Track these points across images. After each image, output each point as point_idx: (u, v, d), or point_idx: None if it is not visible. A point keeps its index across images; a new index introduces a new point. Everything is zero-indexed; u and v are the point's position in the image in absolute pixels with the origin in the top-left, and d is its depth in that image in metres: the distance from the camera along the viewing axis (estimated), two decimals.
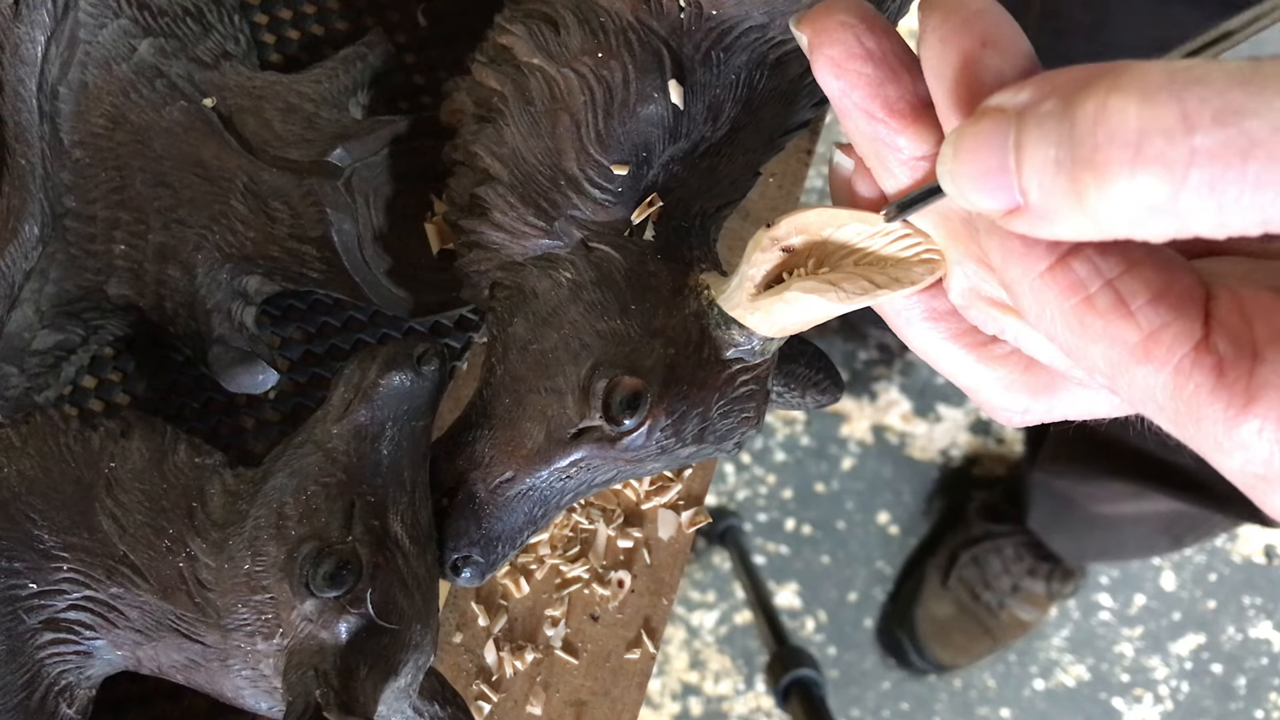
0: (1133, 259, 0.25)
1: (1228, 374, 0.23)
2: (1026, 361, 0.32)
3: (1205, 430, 0.24)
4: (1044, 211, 0.23)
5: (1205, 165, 0.21)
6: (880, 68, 0.28)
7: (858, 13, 0.28)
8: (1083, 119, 0.22)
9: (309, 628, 0.38)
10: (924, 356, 0.33)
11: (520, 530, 0.41)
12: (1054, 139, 0.22)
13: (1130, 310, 0.24)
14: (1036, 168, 0.23)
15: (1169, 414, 0.25)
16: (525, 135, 0.41)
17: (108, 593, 0.40)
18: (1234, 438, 0.23)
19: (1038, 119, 0.22)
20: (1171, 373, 0.24)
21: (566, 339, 0.40)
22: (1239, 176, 0.20)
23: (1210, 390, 0.23)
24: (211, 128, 0.47)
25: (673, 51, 0.41)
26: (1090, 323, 0.25)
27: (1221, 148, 0.20)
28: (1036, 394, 0.32)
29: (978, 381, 0.32)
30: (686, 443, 0.40)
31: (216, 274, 0.48)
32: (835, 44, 0.28)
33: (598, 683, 0.54)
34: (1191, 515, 1.22)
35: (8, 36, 0.46)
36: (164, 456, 0.42)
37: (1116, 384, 0.25)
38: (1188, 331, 0.24)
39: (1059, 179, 0.22)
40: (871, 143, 0.29)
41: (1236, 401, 0.23)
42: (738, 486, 1.59)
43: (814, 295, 0.32)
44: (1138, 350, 0.24)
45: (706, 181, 0.43)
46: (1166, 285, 0.24)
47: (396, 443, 0.40)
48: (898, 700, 1.57)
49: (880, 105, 0.28)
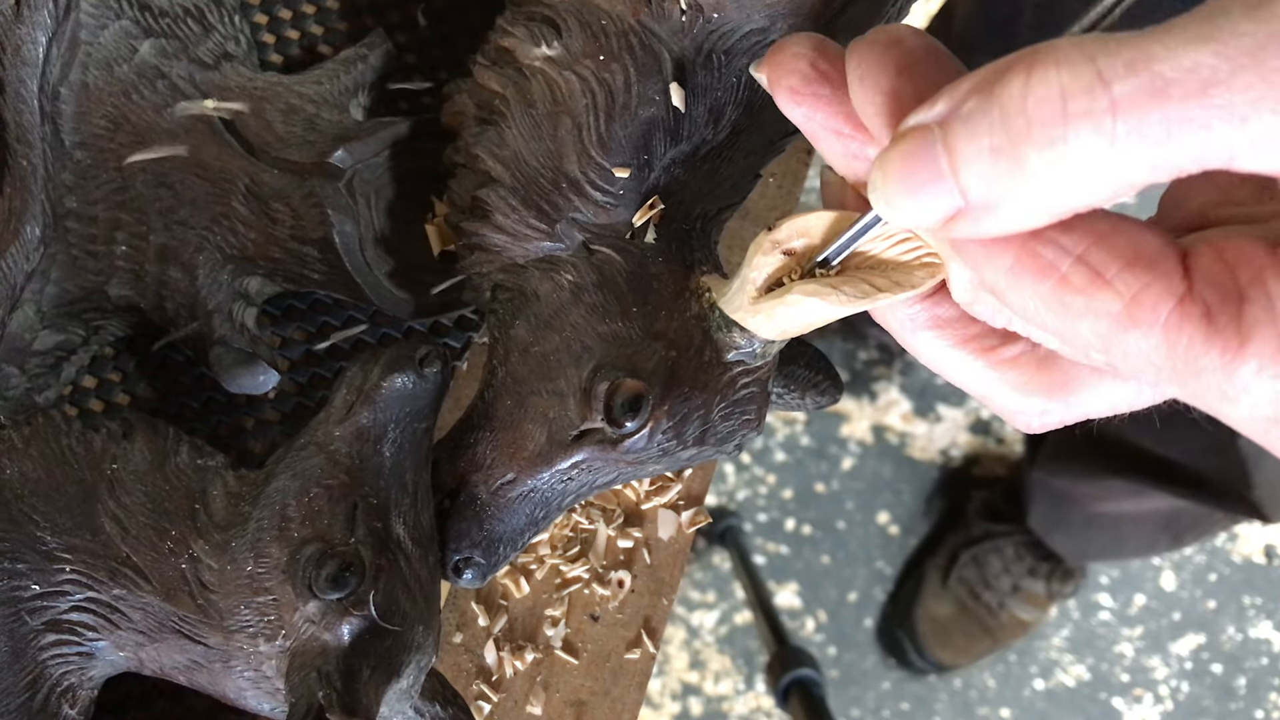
0: (1097, 231, 0.25)
1: (1217, 320, 0.24)
2: (1037, 361, 0.31)
3: (1207, 382, 0.24)
4: (988, 203, 0.24)
5: (1128, 112, 0.21)
6: (838, 87, 0.28)
7: (808, 43, 0.29)
8: (1009, 100, 0.22)
9: (311, 629, 0.38)
10: (933, 367, 0.33)
11: (521, 532, 0.41)
12: (985, 128, 0.23)
13: (1107, 279, 0.24)
14: (973, 161, 0.23)
15: (1168, 374, 0.25)
16: (527, 138, 0.41)
17: (110, 594, 0.40)
18: (1235, 381, 0.24)
19: (962, 117, 0.23)
20: (1161, 331, 0.24)
21: (568, 341, 0.40)
22: (1161, 117, 0.21)
23: (1203, 340, 0.24)
24: (213, 129, 0.47)
25: (674, 54, 0.41)
26: (1070, 301, 0.25)
27: (1138, 93, 0.21)
28: (1052, 393, 0.32)
29: (990, 387, 0.32)
30: (688, 445, 0.40)
31: (218, 275, 0.48)
32: (791, 74, 0.29)
33: (598, 683, 0.55)
34: (1191, 513, 1.22)
35: (9, 38, 0.46)
36: (166, 458, 0.42)
37: (1112, 357, 0.25)
38: (1169, 288, 0.24)
39: (999, 163, 0.23)
40: (846, 160, 0.29)
41: (1231, 345, 0.23)
42: (738, 486, 1.59)
43: (815, 298, 0.32)
44: (1123, 317, 0.24)
45: (707, 184, 0.43)
46: (1137, 249, 0.25)
47: (399, 445, 0.40)
48: (898, 700, 1.57)
49: (844, 121, 0.29)
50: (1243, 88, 0.21)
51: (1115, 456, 1.20)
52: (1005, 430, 1.64)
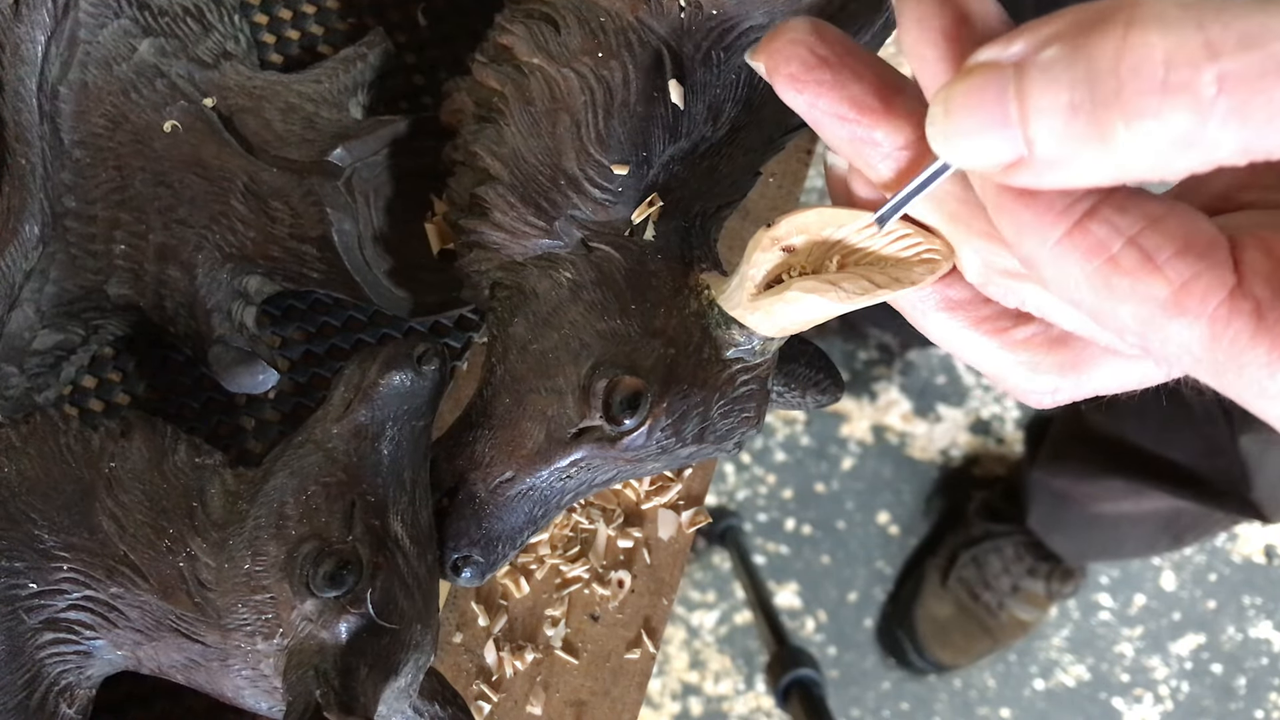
0: (1151, 214, 0.24)
1: (1267, 317, 0.23)
2: (1050, 341, 0.31)
3: (1249, 377, 0.24)
4: (1054, 159, 0.23)
5: (1235, 91, 0.20)
6: (839, 70, 0.28)
7: (804, 28, 0.28)
8: (1101, 57, 0.21)
9: (309, 627, 0.38)
10: (946, 348, 0.32)
11: (520, 530, 0.41)
12: (1067, 82, 0.22)
13: (1157, 265, 0.24)
14: (1048, 114, 0.22)
15: (1207, 365, 0.24)
16: (525, 135, 0.41)
17: (108, 593, 0.40)
18: (1279, 380, 0.23)
19: (1041, 66, 0.22)
20: (1208, 323, 0.23)
21: (567, 339, 0.40)
22: (1267, 100, 0.20)
23: (1251, 336, 0.23)
24: (212, 128, 0.47)
25: (673, 51, 0.41)
26: (1117, 283, 0.24)
27: (1248, 72, 0.20)
28: (1064, 371, 0.32)
29: (1003, 368, 0.32)
30: (687, 443, 0.40)
31: (217, 274, 0.48)
32: (790, 60, 0.28)
33: (598, 683, 0.54)
34: (1191, 513, 1.22)
35: (8, 36, 0.46)
36: (164, 456, 0.42)
37: (1149, 342, 0.25)
38: (1220, 280, 0.23)
39: (1076, 122, 0.22)
40: (851, 144, 0.29)
41: (1279, 345, 0.23)
42: (738, 486, 1.59)
43: (814, 295, 0.32)
44: (1169, 304, 0.24)
45: (707, 181, 0.43)
46: (1191, 236, 0.24)
47: (397, 442, 0.40)
48: (898, 700, 1.57)
49: (848, 105, 0.28)
50: None
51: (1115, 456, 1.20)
52: (1005, 430, 1.64)
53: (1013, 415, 1.64)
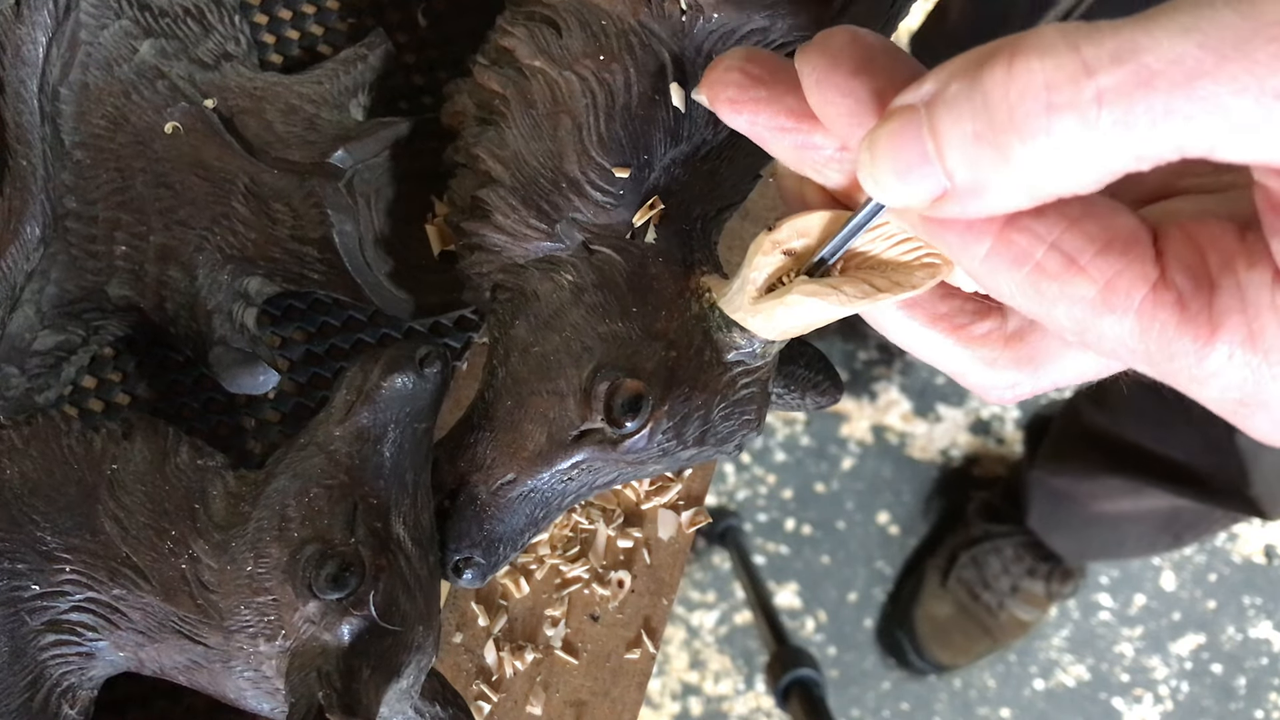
0: (1070, 216, 0.25)
1: (1189, 307, 0.24)
2: (1006, 338, 0.32)
3: (1179, 365, 0.25)
4: (973, 187, 0.24)
5: (1113, 102, 0.21)
6: (773, 86, 0.29)
7: (739, 55, 0.29)
8: (992, 87, 0.22)
9: (311, 629, 0.38)
10: (905, 347, 0.33)
11: (522, 532, 0.41)
12: (968, 114, 0.23)
13: (1081, 266, 0.25)
14: (957, 145, 0.23)
15: (1142, 356, 0.25)
16: (527, 138, 0.41)
17: (110, 594, 0.40)
18: (1206, 367, 0.24)
19: (946, 102, 0.23)
20: (1135, 316, 0.24)
21: (568, 341, 0.40)
22: (1146, 108, 0.21)
23: (1176, 326, 0.24)
24: (213, 129, 0.47)
25: (674, 54, 0.41)
26: (1046, 287, 0.25)
27: (1124, 84, 0.21)
28: (1022, 366, 0.32)
29: (961, 364, 0.33)
30: (688, 445, 0.40)
31: (217, 275, 0.48)
32: (726, 86, 0.29)
33: (598, 683, 0.55)
34: (1190, 511, 1.23)
35: (9, 38, 0.46)
36: (166, 458, 0.42)
37: (1086, 340, 0.26)
38: (1142, 274, 0.25)
39: (982, 149, 0.23)
40: (797, 152, 0.30)
41: (1202, 333, 0.24)
42: (738, 486, 1.59)
43: (815, 299, 0.32)
44: (1097, 302, 0.25)
45: (708, 184, 0.43)
46: (1111, 234, 0.25)
47: (399, 445, 0.40)
48: (898, 700, 1.57)
49: (785, 115, 0.29)
50: (1227, 79, 0.21)
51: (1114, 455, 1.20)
52: (1005, 430, 1.64)
53: (1013, 415, 1.64)
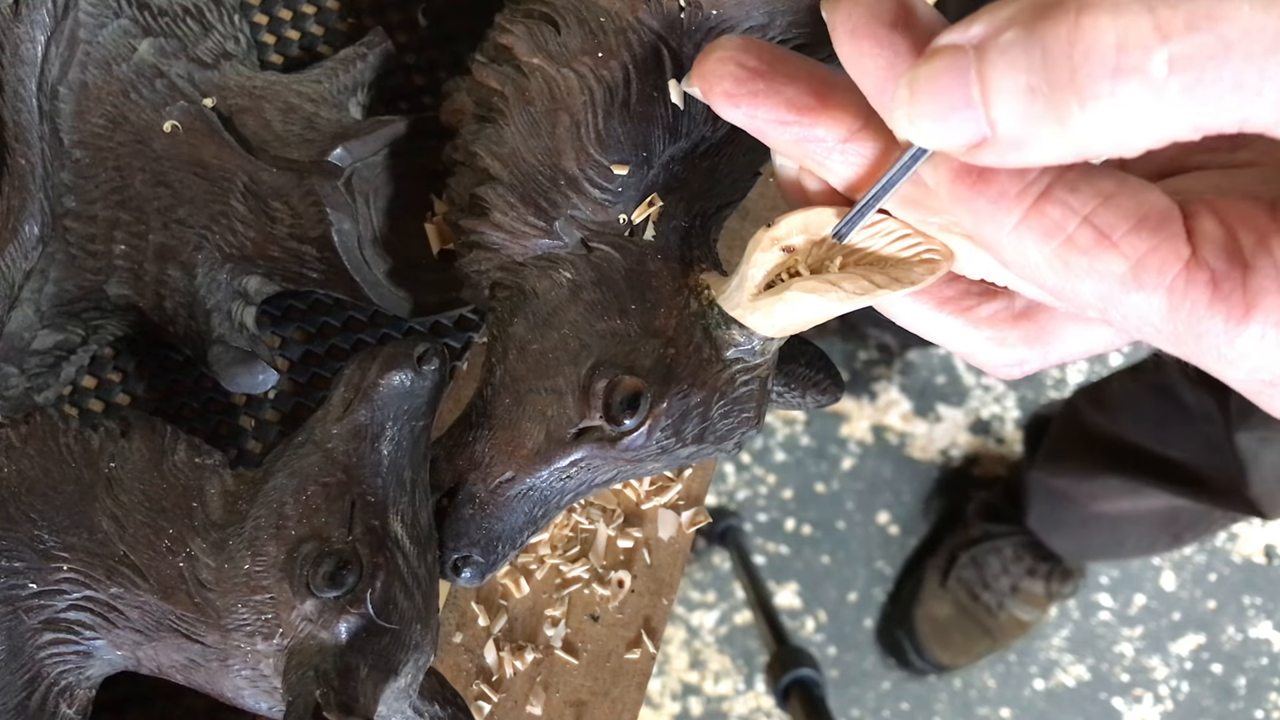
0: (1104, 191, 0.25)
1: (1222, 286, 0.24)
2: (1013, 316, 0.32)
3: (1207, 345, 0.24)
4: (1016, 139, 0.23)
5: (1183, 71, 0.21)
6: (770, 78, 0.28)
7: (730, 45, 0.29)
8: (1054, 41, 0.22)
9: (309, 628, 0.38)
10: (913, 329, 0.33)
11: (520, 530, 0.41)
12: (1024, 65, 0.22)
13: (1113, 241, 0.24)
14: (1008, 96, 0.23)
15: (1167, 335, 0.25)
16: (525, 135, 0.41)
17: (108, 593, 0.40)
18: (1237, 347, 0.24)
19: (1000, 48, 0.22)
20: (1166, 294, 0.24)
21: (566, 339, 0.40)
22: (1216, 79, 0.21)
23: (1208, 304, 0.24)
24: (211, 128, 0.47)
25: (673, 51, 0.41)
26: (1075, 261, 0.25)
27: (1197, 53, 0.21)
28: (1030, 343, 0.32)
29: (970, 345, 0.33)
30: (686, 443, 0.40)
31: (216, 274, 0.48)
32: (722, 79, 0.28)
33: (598, 683, 0.54)
34: (1189, 511, 1.23)
35: (8, 36, 0.46)
36: (163, 456, 0.42)
37: (1110, 316, 0.25)
38: (1175, 252, 0.24)
39: (1034, 104, 0.22)
40: (797, 145, 0.29)
41: (1235, 312, 0.24)
42: (738, 486, 1.59)
43: (814, 295, 0.32)
44: (1127, 279, 0.24)
45: (707, 181, 0.43)
46: (1144, 210, 0.25)
47: (397, 443, 0.40)
48: (898, 700, 1.57)
49: (785, 108, 0.28)
50: None
51: (1113, 455, 1.20)
52: (1005, 430, 1.64)
53: (1012, 415, 1.64)
